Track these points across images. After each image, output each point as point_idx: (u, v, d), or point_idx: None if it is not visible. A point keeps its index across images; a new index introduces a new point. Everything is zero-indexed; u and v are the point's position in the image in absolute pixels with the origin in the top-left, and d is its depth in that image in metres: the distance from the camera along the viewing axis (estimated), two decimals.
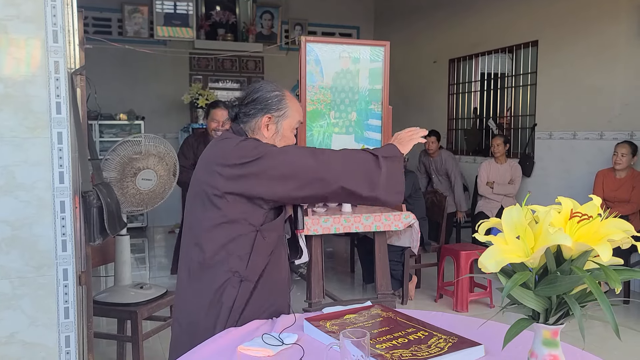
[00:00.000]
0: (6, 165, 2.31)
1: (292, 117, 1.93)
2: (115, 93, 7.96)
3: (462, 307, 4.59)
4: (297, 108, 1.96)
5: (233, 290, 1.76)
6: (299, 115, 1.96)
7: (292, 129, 1.95)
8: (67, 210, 2.40)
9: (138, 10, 8.38)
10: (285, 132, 1.93)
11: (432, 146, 6.89)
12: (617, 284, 1.04)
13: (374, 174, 1.82)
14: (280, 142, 1.90)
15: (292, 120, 1.93)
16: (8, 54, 2.28)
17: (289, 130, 1.93)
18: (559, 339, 1.16)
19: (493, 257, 1.09)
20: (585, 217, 1.10)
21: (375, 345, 1.45)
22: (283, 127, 1.91)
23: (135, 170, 3.06)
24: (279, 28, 9.19)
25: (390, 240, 4.41)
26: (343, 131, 4.19)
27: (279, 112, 1.90)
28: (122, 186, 3.03)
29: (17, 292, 2.35)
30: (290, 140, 1.95)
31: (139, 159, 3.07)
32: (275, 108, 1.89)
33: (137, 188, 3.08)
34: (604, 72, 5.50)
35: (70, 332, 2.43)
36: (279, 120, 1.90)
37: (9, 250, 2.33)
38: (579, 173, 5.75)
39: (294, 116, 1.94)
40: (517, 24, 6.60)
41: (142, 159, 3.08)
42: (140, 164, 3.08)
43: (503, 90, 7.21)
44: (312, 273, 3.87)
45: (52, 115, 2.34)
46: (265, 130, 1.89)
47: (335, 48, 4.12)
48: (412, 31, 8.69)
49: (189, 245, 1.84)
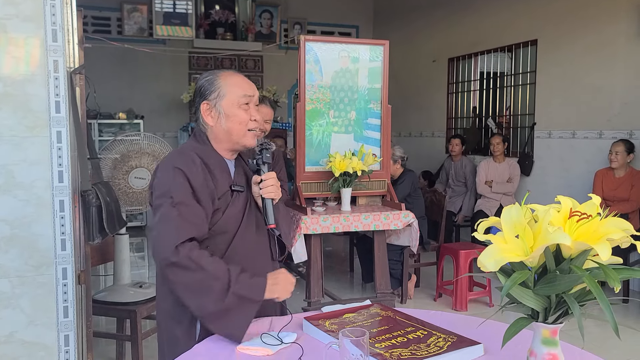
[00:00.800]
0: (5, 164, 2.31)
1: (230, 92, 1.80)
2: (115, 92, 7.96)
3: (462, 306, 4.59)
4: (234, 82, 1.83)
5: None
6: (238, 89, 1.82)
7: (237, 105, 1.81)
8: (67, 209, 2.40)
9: (137, 9, 8.38)
10: (229, 111, 1.80)
11: (455, 148, 6.89)
12: (616, 283, 1.04)
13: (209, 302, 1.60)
14: (229, 123, 1.80)
15: (232, 96, 1.80)
16: (7, 53, 2.29)
17: (232, 108, 1.80)
18: (558, 338, 1.16)
19: (492, 256, 1.09)
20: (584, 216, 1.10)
21: (374, 344, 1.45)
22: (223, 108, 1.80)
23: (127, 168, 3.07)
24: (278, 27, 9.18)
25: (390, 239, 4.41)
26: (342, 130, 4.19)
27: (213, 94, 1.80)
28: (114, 183, 3.04)
29: (16, 291, 2.35)
30: (240, 117, 1.81)
31: (132, 157, 3.08)
32: (209, 92, 1.81)
33: (130, 186, 3.09)
34: (603, 71, 5.50)
35: (70, 331, 2.43)
36: (216, 102, 1.81)
37: (8, 249, 2.33)
38: (578, 172, 5.76)
39: (232, 91, 1.81)
40: (516, 23, 6.60)
41: (135, 157, 3.09)
42: (134, 162, 3.08)
43: (502, 89, 7.21)
44: (311, 272, 3.87)
45: (52, 114, 2.34)
46: (209, 119, 1.82)
47: (335, 47, 4.12)
48: (412, 30, 8.69)
49: None
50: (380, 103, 4.26)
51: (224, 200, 1.78)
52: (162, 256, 1.62)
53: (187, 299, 1.63)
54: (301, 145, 4.05)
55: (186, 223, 1.65)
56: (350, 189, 3.99)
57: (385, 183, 4.27)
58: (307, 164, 4.08)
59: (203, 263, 1.61)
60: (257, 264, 1.83)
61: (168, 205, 1.67)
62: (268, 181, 1.83)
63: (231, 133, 1.82)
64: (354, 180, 3.95)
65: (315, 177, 4.09)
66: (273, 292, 1.67)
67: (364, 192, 4.23)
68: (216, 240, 1.77)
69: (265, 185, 1.83)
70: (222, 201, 1.78)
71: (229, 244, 1.79)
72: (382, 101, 4.25)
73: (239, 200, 1.83)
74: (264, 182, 1.83)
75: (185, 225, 1.64)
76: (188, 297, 1.63)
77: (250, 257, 1.81)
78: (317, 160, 4.11)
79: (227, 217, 1.78)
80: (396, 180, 4.87)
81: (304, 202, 3.92)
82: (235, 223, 1.80)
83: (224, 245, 1.78)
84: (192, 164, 1.73)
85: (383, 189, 4.27)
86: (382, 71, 4.23)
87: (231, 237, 1.80)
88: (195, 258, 1.61)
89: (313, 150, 4.10)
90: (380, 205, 4.23)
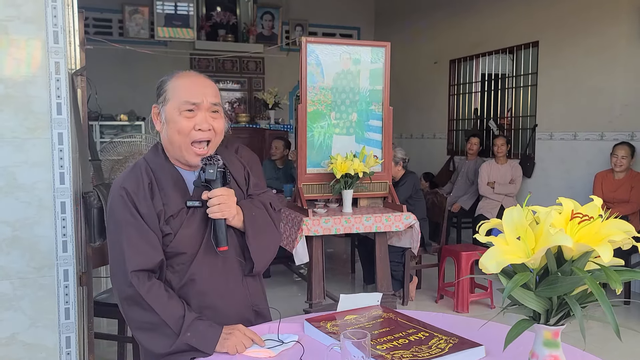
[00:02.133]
0: (7, 166, 2.31)
1: (175, 97, 1.63)
2: (116, 94, 7.96)
3: (463, 308, 4.58)
4: (181, 87, 1.65)
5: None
6: (184, 93, 1.63)
7: (179, 111, 1.63)
8: (68, 211, 2.40)
9: (138, 11, 8.39)
10: (170, 117, 1.63)
11: (473, 147, 6.87)
12: (617, 284, 1.04)
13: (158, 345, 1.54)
14: (171, 130, 1.64)
15: (175, 102, 1.63)
16: (9, 55, 2.29)
17: (174, 114, 1.63)
18: (559, 339, 1.16)
19: (494, 258, 1.09)
20: (586, 217, 1.10)
21: (376, 346, 1.45)
22: (166, 113, 1.65)
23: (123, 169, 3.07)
24: (279, 29, 9.19)
25: (391, 240, 4.41)
26: (344, 132, 4.19)
27: (160, 97, 1.67)
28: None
29: (17, 292, 2.35)
30: (180, 124, 1.62)
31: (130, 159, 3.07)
32: (158, 94, 1.68)
33: None
34: (605, 72, 5.50)
35: (71, 332, 2.43)
36: (162, 107, 1.66)
37: (9, 251, 2.33)
38: (580, 174, 5.75)
39: (176, 96, 1.63)
40: (517, 24, 6.60)
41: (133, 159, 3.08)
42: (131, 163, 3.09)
43: (503, 91, 7.20)
44: (313, 274, 3.86)
45: (53, 116, 2.35)
46: (157, 124, 1.68)
47: (336, 49, 4.12)
48: (413, 32, 8.69)
49: None
50: (381, 105, 4.26)
51: (179, 220, 1.64)
52: (117, 288, 1.58)
53: (137, 334, 1.58)
54: (302, 147, 4.05)
55: (135, 251, 1.55)
56: (352, 190, 3.99)
57: (387, 185, 4.27)
58: (308, 166, 4.08)
59: (156, 304, 1.52)
60: (229, 284, 1.72)
61: (116, 231, 1.59)
62: (212, 200, 1.61)
63: (173, 143, 1.66)
64: (355, 182, 3.95)
65: (316, 178, 4.09)
66: (223, 346, 1.50)
67: (366, 194, 4.23)
68: (174, 262, 1.66)
69: (210, 204, 1.61)
70: (177, 221, 1.64)
71: (189, 265, 1.65)
72: (384, 103, 4.25)
73: (196, 217, 1.66)
74: (210, 200, 1.61)
75: (135, 254, 1.55)
76: (138, 333, 1.57)
77: (217, 277, 1.69)
78: (318, 162, 4.11)
79: (181, 236, 1.63)
80: (397, 182, 4.87)
81: (305, 204, 3.92)
82: (194, 242, 1.65)
83: (183, 267, 1.66)
84: (139, 185, 1.61)
85: (384, 190, 4.27)
86: (383, 73, 4.23)
87: (191, 258, 1.66)
88: (149, 297, 1.52)
89: (314, 152, 4.10)
90: (382, 207, 4.23)
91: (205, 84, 1.69)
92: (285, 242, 3.98)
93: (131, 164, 1.73)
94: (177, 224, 1.64)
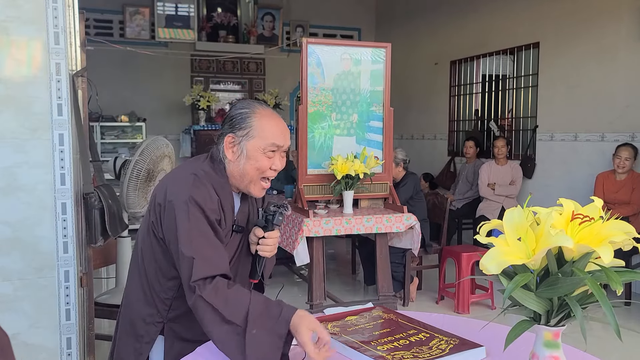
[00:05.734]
0: (7, 167, 2.31)
1: (260, 137, 1.69)
2: (117, 95, 7.97)
3: (464, 309, 4.58)
4: (269, 128, 1.70)
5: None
6: (271, 136, 1.70)
7: (263, 151, 1.69)
8: (69, 211, 2.40)
9: (139, 12, 8.40)
10: (251, 154, 1.69)
11: (469, 151, 6.87)
12: (618, 285, 1.04)
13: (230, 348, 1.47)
14: (247, 165, 1.70)
15: (260, 142, 1.68)
16: (9, 56, 2.29)
17: (257, 152, 1.69)
18: (560, 340, 1.16)
19: (494, 259, 1.09)
20: (586, 218, 1.10)
21: (376, 347, 1.45)
22: (247, 149, 1.69)
23: (156, 173, 3.04)
24: (280, 30, 9.20)
25: (392, 241, 4.41)
26: (344, 133, 4.19)
27: (242, 131, 1.69)
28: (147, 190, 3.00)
29: (18, 293, 2.35)
30: (259, 163, 1.70)
31: (158, 161, 3.05)
32: (238, 127, 1.70)
33: None
34: (605, 73, 5.50)
35: (72, 333, 2.43)
36: (242, 140, 1.69)
37: (10, 251, 2.33)
38: (580, 175, 5.75)
39: (264, 137, 1.69)
40: (518, 26, 6.60)
41: (160, 161, 3.06)
42: (160, 166, 3.07)
43: (504, 92, 7.20)
44: (314, 275, 3.87)
45: (54, 116, 2.35)
46: (229, 153, 1.71)
47: (337, 50, 4.12)
48: (414, 33, 8.69)
49: None
50: (382, 106, 4.26)
51: (226, 239, 1.72)
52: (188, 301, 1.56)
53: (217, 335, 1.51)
54: (303, 148, 4.05)
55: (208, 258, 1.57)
56: (352, 191, 3.99)
57: (388, 186, 4.27)
58: (309, 167, 4.08)
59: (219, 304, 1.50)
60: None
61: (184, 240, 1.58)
62: (269, 240, 1.74)
63: (245, 175, 1.72)
64: (356, 183, 3.95)
65: (317, 179, 4.09)
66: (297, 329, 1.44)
67: (366, 195, 4.23)
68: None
69: (265, 243, 1.75)
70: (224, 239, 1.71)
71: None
72: (384, 104, 4.26)
73: (234, 240, 1.77)
74: (264, 239, 1.74)
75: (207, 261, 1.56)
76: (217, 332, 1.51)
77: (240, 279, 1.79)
78: (319, 163, 4.11)
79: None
80: (398, 183, 4.87)
81: (306, 205, 3.92)
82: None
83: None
84: (210, 199, 1.65)
85: (385, 191, 4.27)
86: (384, 74, 4.23)
87: None
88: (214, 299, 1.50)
89: (315, 153, 4.10)
90: (383, 208, 4.23)
91: (287, 129, 1.77)
92: (285, 243, 3.99)
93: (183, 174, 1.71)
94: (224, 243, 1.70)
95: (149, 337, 1.74)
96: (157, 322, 1.73)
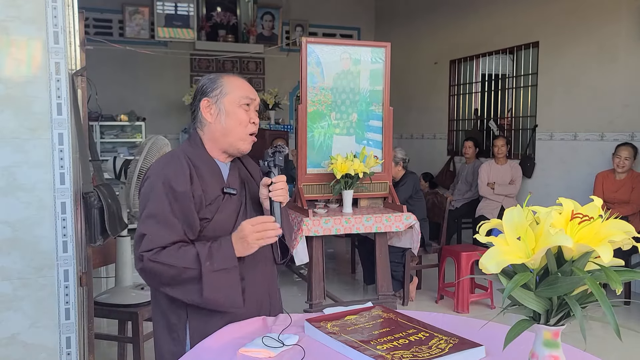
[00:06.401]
0: (7, 166, 2.31)
1: (232, 92, 1.81)
2: (116, 94, 7.97)
3: (463, 308, 4.58)
4: (237, 84, 1.84)
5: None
6: (240, 90, 1.83)
7: (238, 104, 1.81)
8: (68, 211, 2.40)
9: (139, 11, 8.39)
10: (229, 108, 1.81)
11: (468, 151, 6.87)
12: (617, 285, 1.04)
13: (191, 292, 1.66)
14: (228, 120, 1.81)
15: (233, 96, 1.81)
16: (9, 55, 2.29)
17: (233, 106, 1.81)
18: (559, 340, 1.16)
19: (494, 258, 1.09)
20: (586, 218, 1.10)
21: (376, 346, 1.45)
22: (224, 105, 1.80)
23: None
24: (279, 29, 9.19)
25: (391, 241, 4.41)
26: (344, 132, 4.19)
27: (215, 91, 1.81)
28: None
29: (18, 293, 2.35)
30: (239, 116, 1.82)
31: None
32: (210, 89, 1.82)
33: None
34: (605, 73, 5.50)
35: (71, 333, 2.43)
36: (217, 99, 1.81)
37: (9, 251, 2.33)
38: (580, 174, 5.75)
39: (234, 91, 1.82)
40: (517, 25, 6.60)
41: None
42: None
43: (504, 92, 7.20)
44: (313, 274, 3.87)
45: (53, 116, 2.35)
46: (207, 115, 1.81)
47: (336, 49, 4.12)
48: (413, 32, 8.69)
49: None
50: (381, 105, 4.26)
51: (215, 206, 1.77)
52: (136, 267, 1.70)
53: (172, 293, 1.68)
54: (303, 148, 4.05)
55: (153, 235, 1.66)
56: (352, 191, 3.99)
57: (387, 185, 4.27)
58: (308, 166, 4.08)
59: (170, 260, 1.63)
60: (257, 269, 1.84)
61: (143, 217, 1.71)
62: (278, 184, 1.81)
63: (229, 132, 1.82)
64: (355, 182, 3.95)
65: (316, 179, 4.09)
66: (245, 248, 1.68)
67: (366, 194, 4.23)
68: None
69: (275, 188, 1.80)
70: (213, 206, 1.76)
71: None
72: (384, 103, 4.25)
73: (230, 204, 1.81)
74: (274, 184, 1.81)
75: (152, 238, 1.66)
76: (171, 291, 1.67)
77: (248, 262, 1.77)
78: (318, 162, 4.11)
79: (215, 222, 1.76)
80: (398, 182, 4.87)
81: (305, 204, 3.92)
82: (226, 226, 1.77)
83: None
84: (180, 171, 1.73)
85: (385, 191, 4.27)
86: (383, 73, 4.23)
87: None
88: (160, 258, 1.64)
89: (314, 153, 4.10)
90: (382, 207, 4.24)
91: (252, 87, 1.92)
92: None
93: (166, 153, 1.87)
94: (214, 210, 1.77)
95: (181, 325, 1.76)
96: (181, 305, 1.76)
